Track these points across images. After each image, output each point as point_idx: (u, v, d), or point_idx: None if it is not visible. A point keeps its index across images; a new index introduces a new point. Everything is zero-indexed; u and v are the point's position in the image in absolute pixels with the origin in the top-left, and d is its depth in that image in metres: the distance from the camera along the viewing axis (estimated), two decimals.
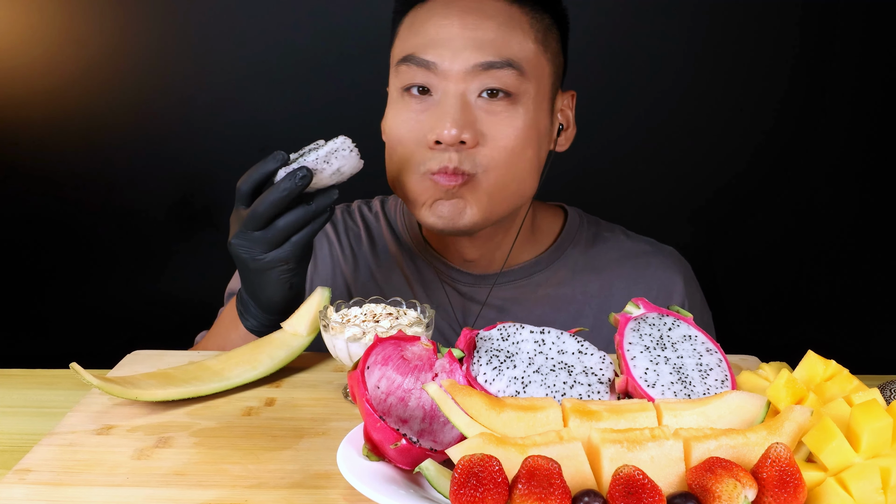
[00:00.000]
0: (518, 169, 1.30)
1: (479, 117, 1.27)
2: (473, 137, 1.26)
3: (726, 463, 0.71)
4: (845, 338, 2.43)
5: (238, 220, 1.17)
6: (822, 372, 0.90)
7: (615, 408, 0.83)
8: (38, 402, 1.11)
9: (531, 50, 1.30)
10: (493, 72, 1.26)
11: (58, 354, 1.34)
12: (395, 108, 1.34)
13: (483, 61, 1.26)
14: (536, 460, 0.69)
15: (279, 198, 1.12)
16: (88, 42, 2.34)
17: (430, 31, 1.30)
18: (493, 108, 1.28)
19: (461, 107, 1.26)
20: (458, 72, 1.27)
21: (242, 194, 1.16)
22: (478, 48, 1.27)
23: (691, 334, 0.95)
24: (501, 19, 1.29)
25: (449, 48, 1.27)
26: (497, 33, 1.28)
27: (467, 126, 1.26)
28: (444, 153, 1.27)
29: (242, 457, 0.90)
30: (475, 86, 1.27)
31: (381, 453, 0.81)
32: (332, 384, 1.11)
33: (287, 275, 1.19)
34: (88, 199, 2.41)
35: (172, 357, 1.19)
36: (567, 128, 1.41)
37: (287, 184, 1.12)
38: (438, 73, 1.27)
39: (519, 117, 1.28)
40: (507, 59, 1.27)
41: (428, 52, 1.28)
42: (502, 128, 1.28)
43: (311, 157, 1.14)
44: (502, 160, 1.28)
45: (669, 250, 1.50)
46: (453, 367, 0.90)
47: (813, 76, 2.37)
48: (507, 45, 1.28)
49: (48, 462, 0.88)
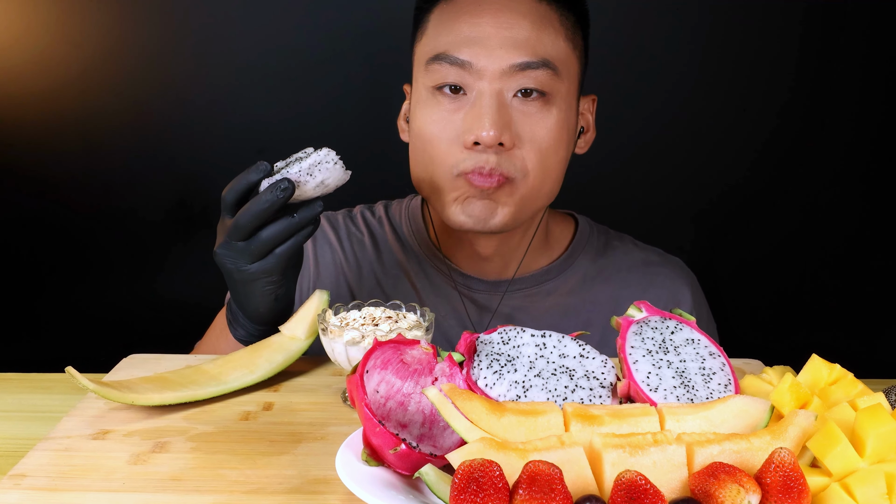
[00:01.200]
0: (551, 170, 1.31)
1: (514, 118, 1.27)
2: (511, 139, 1.26)
3: (729, 468, 0.71)
4: (850, 341, 2.43)
5: (223, 229, 1.16)
6: (827, 376, 0.90)
7: (617, 412, 0.83)
8: (33, 407, 1.11)
9: (563, 48, 1.30)
10: (529, 72, 1.26)
11: (53, 358, 1.34)
12: (425, 106, 1.32)
13: (520, 61, 1.26)
14: (537, 465, 0.69)
15: (261, 210, 1.10)
16: (84, 42, 2.34)
17: (463, 28, 1.29)
18: (527, 109, 1.28)
19: (498, 107, 1.26)
20: (495, 71, 1.26)
21: (227, 204, 1.14)
22: (513, 47, 1.26)
23: (694, 338, 0.95)
24: (534, 17, 1.29)
25: (484, 47, 1.27)
26: (531, 32, 1.27)
27: (506, 127, 1.26)
28: (481, 154, 1.26)
29: (240, 462, 0.90)
30: (511, 85, 1.27)
31: (381, 458, 0.81)
32: (330, 388, 1.11)
33: (271, 286, 1.17)
34: (84, 201, 2.41)
35: (169, 361, 1.19)
36: (587, 131, 1.42)
37: (269, 196, 1.10)
38: (473, 71, 1.27)
39: (552, 117, 1.29)
40: (542, 58, 1.27)
41: (462, 50, 1.27)
42: (537, 129, 1.28)
43: (293, 169, 1.12)
44: (538, 162, 1.29)
45: (677, 261, 1.51)
46: (453, 371, 0.90)
47: (817, 78, 2.37)
48: (541, 43, 1.28)
49: (43, 467, 0.88)
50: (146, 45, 2.34)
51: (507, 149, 1.27)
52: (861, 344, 2.44)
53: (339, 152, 1.17)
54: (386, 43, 2.18)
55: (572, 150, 1.38)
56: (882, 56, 2.35)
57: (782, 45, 2.35)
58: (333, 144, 1.43)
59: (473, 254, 1.43)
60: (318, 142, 1.34)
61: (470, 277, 1.44)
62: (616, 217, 1.65)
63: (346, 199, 1.52)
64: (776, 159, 2.41)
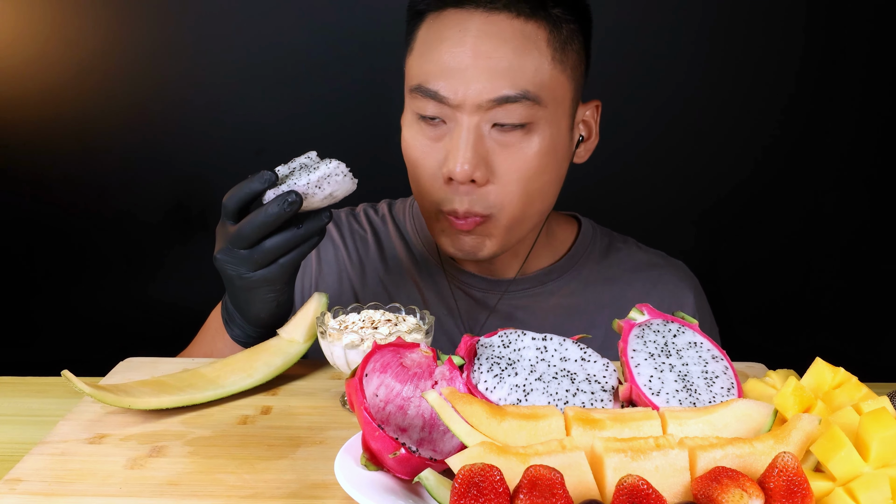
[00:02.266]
0: (534, 197, 1.30)
1: (491, 150, 1.26)
2: (484, 175, 1.25)
3: (732, 473, 0.71)
4: (854, 345, 2.43)
5: (224, 234, 1.15)
6: (831, 380, 0.90)
7: (619, 416, 0.83)
8: (28, 411, 1.11)
9: (547, 73, 1.26)
10: (507, 106, 1.23)
11: (49, 361, 1.34)
12: (411, 130, 1.32)
13: (497, 96, 1.23)
14: (538, 470, 0.69)
15: (266, 222, 1.10)
16: (81, 42, 2.34)
17: (444, 57, 1.26)
18: (506, 140, 1.26)
19: (474, 142, 1.24)
20: (471, 105, 1.24)
21: (228, 211, 1.13)
22: (491, 79, 1.23)
23: (696, 341, 0.95)
24: (517, 42, 1.24)
25: (462, 80, 1.24)
26: (513, 60, 1.24)
27: (479, 163, 1.25)
28: (454, 195, 1.27)
29: (238, 466, 0.90)
30: (488, 117, 1.25)
31: (380, 463, 0.81)
32: (329, 392, 1.11)
33: (273, 294, 1.17)
34: (81, 203, 2.41)
35: (166, 364, 1.19)
36: (588, 138, 1.40)
37: (275, 209, 1.09)
38: (450, 104, 1.25)
39: (533, 146, 1.27)
40: (523, 90, 1.23)
41: (439, 82, 1.25)
42: (515, 161, 1.26)
43: (301, 181, 1.11)
44: (516, 195, 1.28)
45: (680, 264, 1.52)
46: (453, 374, 0.90)
47: (820, 79, 2.37)
48: (522, 73, 1.24)
49: (39, 472, 0.88)
50: (143, 44, 2.34)
51: (480, 185, 1.26)
52: (865, 347, 2.44)
53: (337, 154, 1.16)
54: (386, 43, 2.17)
55: (569, 162, 1.37)
56: (886, 58, 2.35)
57: (785, 46, 2.35)
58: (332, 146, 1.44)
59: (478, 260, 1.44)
60: (316, 143, 1.34)
61: (473, 276, 1.45)
62: (618, 219, 1.66)
63: (344, 201, 1.52)
64: (779, 161, 2.41)
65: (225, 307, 1.26)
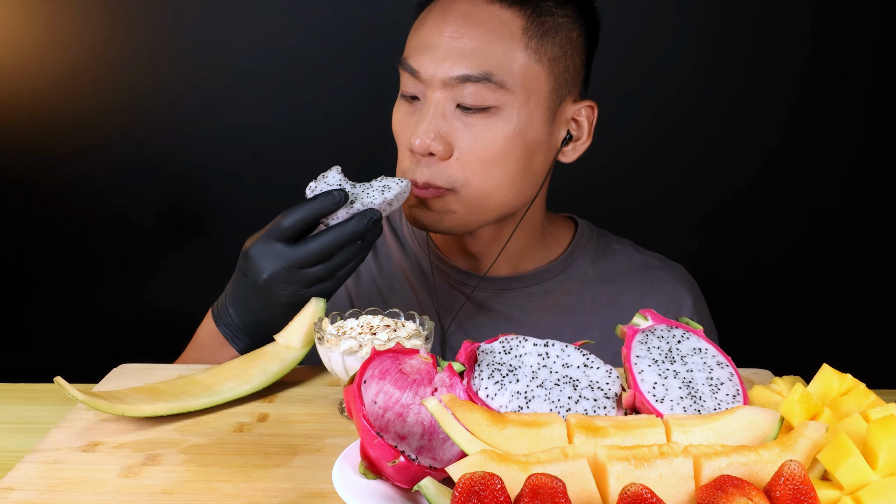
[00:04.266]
0: (497, 181, 1.32)
1: (454, 128, 1.30)
2: (445, 150, 1.29)
3: (738, 481, 0.71)
4: (862, 351, 2.43)
5: (274, 254, 1.17)
6: (838, 386, 0.90)
7: (622, 424, 0.83)
8: (20, 418, 1.11)
9: (518, 60, 1.30)
10: (468, 85, 1.28)
11: (42, 368, 1.34)
12: (397, 107, 1.38)
13: (459, 74, 1.28)
14: (540, 478, 0.69)
15: (344, 239, 1.16)
16: (74, 43, 2.34)
17: (423, 35, 1.33)
18: (469, 120, 1.30)
19: (437, 116, 1.30)
20: (437, 82, 1.29)
21: (286, 231, 1.16)
22: (457, 58, 1.29)
23: (701, 347, 0.95)
24: (489, 26, 1.30)
25: (432, 57, 1.30)
26: (480, 43, 1.29)
27: (439, 137, 1.29)
28: (417, 165, 1.31)
29: (234, 475, 0.90)
30: (453, 95, 1.30)
31: (379, 471, 0.81)
32: (327, 399, 1.11)
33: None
34: (73, 207, 2.41)
35: (161, 371, 1.19)
36: (579, 138, 1.40)
37: (358, 227, 1.16)
38: (422, 79, 1.31)
39: (497, 129, 1.30)
40: (485, 72, 1.28)
41: (414, 58, 1.32)
42: (477, 140, 1.29)
43: (378, 200, 1.19)
44: (477, 173, 1.30)
45: (678, 267, 1.53)
46: (453, 381, 0.90)
47: (826, 82, 2.37)
48: (488, 55, 1.29)
49: (31, 480, 0.88)
50: (138, 45, 2.34)
51: (440, 159, 1.30)
52: (873, 353, 2.44)
53: (334, 155, 1.18)
54: (383, 44, 2.17)
55: (549, 159, 1.38)
56: (893, 58, 2.35)
57: (792, 47, 2.35)
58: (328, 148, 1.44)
59: (461, 246, 1.45)
60: (313, 145, 1.34)
61: (467, 274, 1.47)
62: (619, 223, 1.66)
63: None
64: (784, 164, 2.41)
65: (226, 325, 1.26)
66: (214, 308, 1.29)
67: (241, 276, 1.21)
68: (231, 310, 1.24)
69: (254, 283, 1.18)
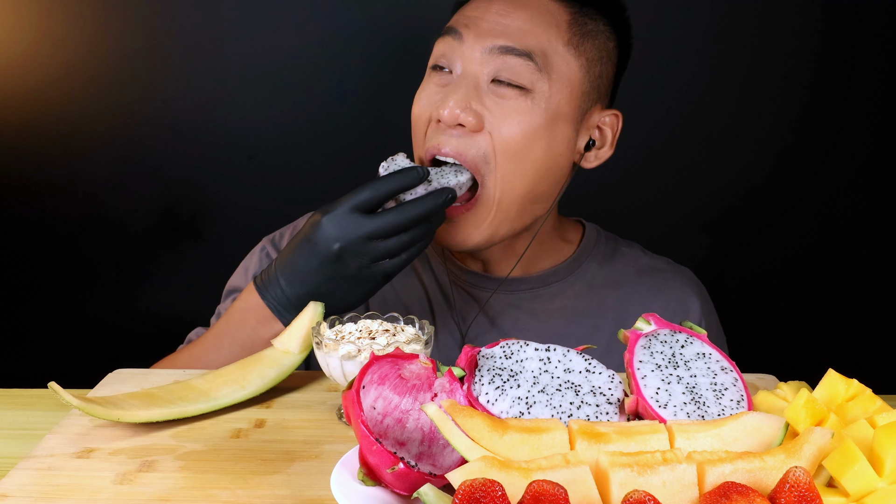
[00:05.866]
0: (524, 167, 1.32)
1: (487, 104, 1.30)
2: (476, 122, 1.29)
3: (742, 488, 0.71)
4: (868, 356, 2.43)
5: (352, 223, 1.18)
6: (844, 392, 0.90)
7: (625, 430, 0.83)
8: (14, 424, 1.11)
9: (559, 51, 1.32)
10: (509, 58, 1.30)
11: (36, 373, 1.34)
12: (423, 86, 1.38)
13: (502, 44, 1.30)
14: (541, 485, 0.69)
15: (423, 213, 1.19)
16: (68, 43, 2.34)
17: (469, 10, 1.36)
18: (503, 94, 1.30)
19: (470, 88, 1.30)
20: (480, 49, 1.31)
21: (368, 201, 1.19)
22: (501, 33, 1.31)
23: (705, 352, 0.95)
24: (537, 12, 1.33)
25: (477, 27, 1.32)
26: (526, 23, 1.32)
27: (469, 109, 1.29)
28: (443, 134, 1.31)
29: (231, 481, 0.90)
30: (489, 69, 1.31)
31: (378, 478, 0.81)
32: (325, 405, 1.11)
33: (382, 286, 1.24)
34: (68, 209, 2.41)
35: (157, 376, 1.19)
36: (602, 146, 1.43)
37: (435, 202, 1.20)
38: (463, 46, 1.32)
39: (528, 111, 1.30)
40: (527, 49, 1.30)
41: (460, 25, 1.34)
42: (507, 116, 1.30)
43: (451, 181, 1.24)
44: (507, 152, 1.30)
45: (686, 270, 1.54)
46: (454, 386, 0.90)
47: (833, 81, 2.37)
48: (533, 36, 1.31)
49: (25, 487, 0.88)
50: (133, 45, 2.34)
51: (469, 131, 1.30)
52: (879, 358, 2.44)
53: (332, 157, 1.19)
54: (383, 45, 2.18)
55: (570, 161, 1.39)
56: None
57: (797, 47, 2.35)
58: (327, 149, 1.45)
59: (479, 258, 1.47)
60: (311, 147, 1.34)
61: (476, 275, 1.48)
62: (623, 225, 1.66)
63: None
64: (790, 166, 2.41)
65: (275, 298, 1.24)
66: (258, 280, 1.27)
67: (306, 245, 1.20)
68: (283, 281, 1.23)
69: (325, 251, 1.19)
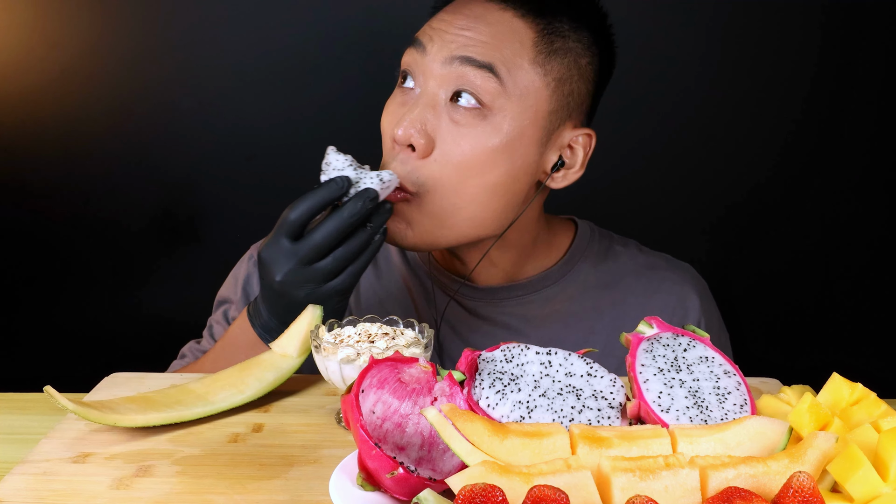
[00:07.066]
0: (472, 191, 1.29)
1: (441, 124, 1.28)
2: (426, 145, 1.27)
3: (745, 493, 0.71)
4: (873, 359, 2.42)
5: (283, 253, 1.17)
6: (848, 396, 0.90)
7: (627, 434, 0.83)
8: (9, 429, 1.11)
9: (523, 67, 1.29)
10: (469, 69, 1.26)
11: (31, 377, 1.34)
12: (391, 97, 1.36)
13: (462, 55, 1.27)
14: (542, 490, 0.69)
15: (346, 225, 1.15)
16: (63, 42, 2.34)
17: (435, 21, 1.33)
18: (458, 118, 1.27)
19: (427, 107, 1.28)
20: (439, 60, 1.28)
21: (293, 225, 1.16)
22: (462, 44, 1.28)
23: (708, 356, 0.95)
24: (500, 28, 1.29)
25: (440, 38, 1.29)
26: (488, 38, 1.28)
27: (423, 131, 1.27)
28: (394, 159, 1.28)
29: (228, 486, 0.90)
30: (449, 85, 1.28)
31: (377, 483, 0.81)
32: (324, 409, 1.11)
33: (342, 304, 1.21)
34: (64, 211, 2.41)
35: (153, 380, 1.19)
36: (571, 167, 1.37)
37: (356, 208, 1.14)
38: (425, 59, 1.29)
39: (485, 135, 1.27)
40: (488, 61, 1.27)
41: (425, 36, 1.31)
42: (461, 142, 1.27)
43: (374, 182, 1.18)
44: (451, 178, 1.27)
45: (686, 266, 1.51)
46: (454, 390, 0.90)
47: (837, 81, 2.37)
48: (495, 51, 1.28)
49: (20, 492, 0.88)
50: (129, 45, 2.35)
51: (418, 156, 1.27)
52: (884, 362, 2.44)
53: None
54: (380, 45, 2.18)
55: (534, 181, 1.34)
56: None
57: (801, 46, 2.35)
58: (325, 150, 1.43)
59: (455, 258, 1.44)
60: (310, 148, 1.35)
61: (464, 284, 1.45)
62: (624, 227, 1.65)
63: None
64: (795, 167, 2.41)
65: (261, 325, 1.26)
66: (250, 307, 1.28)
67: (261, 281, 1.21)
68: (263, 310, 1.25)
69: (270, 286, 1.19)
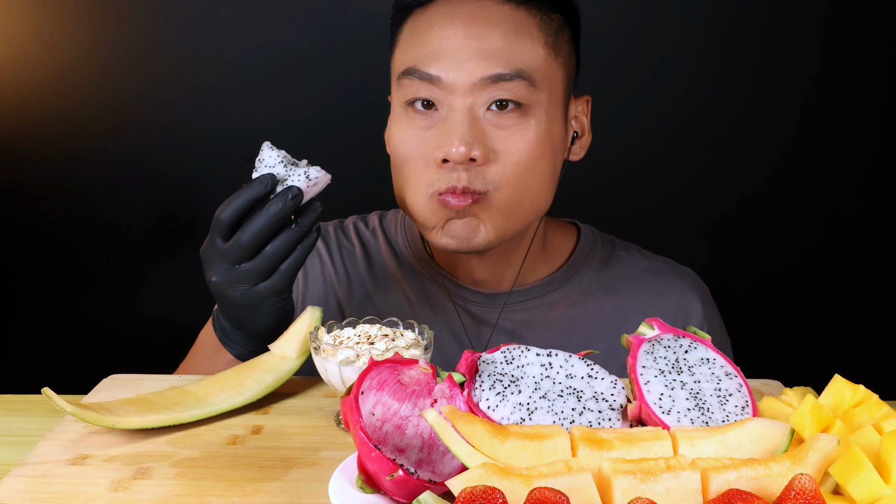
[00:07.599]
0: (532, 183, 1.30)
1: (488, 132, 1.27)
2: (484, 154, 1.26)
3: (747, 495, 0.71)
4: (875, 361, 2.42)
5: (217, 254, 1.16)
6: (850, 398, 0.90)
7: (627, 436, 0.83)
8: (7, 430, 1.11)
9: (541, 57, 1.29)
10: (502, 84, 1.26)
11: (29, 379, 1.34)
12: (399, 123, 1.33)
13: (491, 73, 1.25)
14: (543, 492, 0.69)
15: (269, 223, 1.12)
16: (62, 43, 2.34)
17: (433, 41, 1.29)
18: (503, 122, 1.27)
19: (469, 122, 1.26)
20: (465, 85, 1.26)
21: (223, 224, 1.15)
22: (484, 59, 1.26)
23: (709, 357, 0.95)
24: (508, 26, 1.28)
25: (454, 60, 1.26)
26: (504, 42, 1.27)
27: (477, 142, 1.25)
28: (452, 172, 1.26)
29: (227, 489, 0.90)
30: (483, 98, 1.26)
31: (377, 485, 0.81)
32: (323, 411, 1.11)
33: (280, 304, 1.20)
34: (62, 212, 2.41)
35: (152, 382, 1.19)
36: (582, 135, 1.41)
37: (278, 206, 1.11)
38: (443, 86, 1.27)
39: (531, 130, 1.28)
40: (517, 69, 1.26)
41: (431, 64, 1.27)
42: (514, 142, 1.27)
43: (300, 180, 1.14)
44: (515, 176, 1.28)
45: (688, 271, 1.52)
46: (454, 392, 0.90)
47: (839, 82, 2.37)
48: (515, 54, 1.27)
49: (18, 494, 0.88)
50: (128, 46, 2.35)
51: (479, 164, 1.26)
52: (886, 364, 2.44)
53: (330, 161, 1.18)
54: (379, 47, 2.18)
55: (564, 159, 1.38)
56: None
57: (802, 47, 2.35)
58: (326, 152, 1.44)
59: (467, 272, 1.44)
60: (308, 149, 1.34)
61: (466, 289, 1.45)
62: (624, 229, 1.65)
63: (339, 209, 1.53)
64: (796, 168, 2.41)
65: (220, 328, 1.27)
66: (214, 311, 1.29)
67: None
68: (220, 314, 1.26)
69: (211, 287, 1.19)
